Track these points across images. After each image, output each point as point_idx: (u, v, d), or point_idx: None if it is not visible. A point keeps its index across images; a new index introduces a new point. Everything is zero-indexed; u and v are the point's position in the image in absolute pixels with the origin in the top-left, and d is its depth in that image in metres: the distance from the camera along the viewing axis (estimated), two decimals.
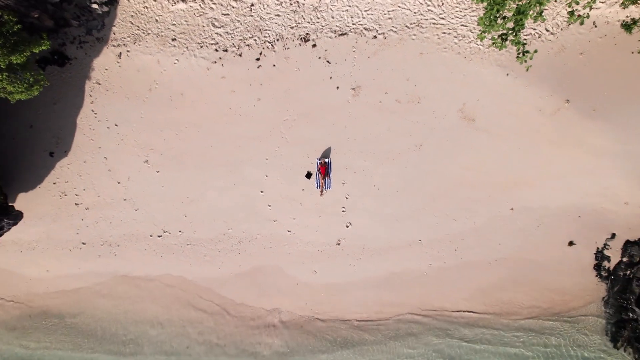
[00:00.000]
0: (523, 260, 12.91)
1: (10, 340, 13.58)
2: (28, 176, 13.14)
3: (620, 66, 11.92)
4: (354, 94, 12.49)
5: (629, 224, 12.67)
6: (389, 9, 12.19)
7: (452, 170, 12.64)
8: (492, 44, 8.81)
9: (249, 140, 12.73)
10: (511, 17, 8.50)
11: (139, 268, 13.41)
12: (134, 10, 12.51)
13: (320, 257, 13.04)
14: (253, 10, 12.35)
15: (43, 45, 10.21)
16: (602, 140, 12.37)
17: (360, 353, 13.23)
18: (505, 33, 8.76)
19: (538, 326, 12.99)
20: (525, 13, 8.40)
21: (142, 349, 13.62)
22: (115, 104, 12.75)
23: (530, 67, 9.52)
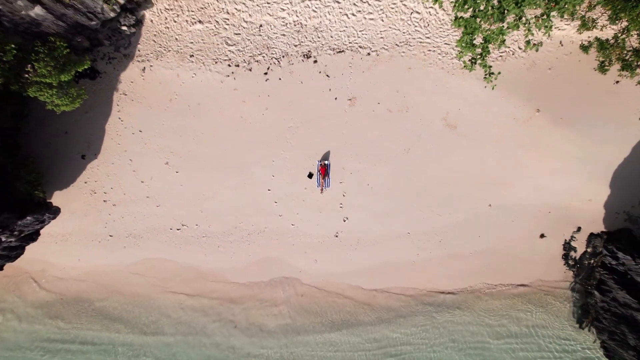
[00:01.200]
0: (499, 250, 14.96)
1: (46, 322, 15.75)
2: (63, 176, 15.26)
3: (584, 80, 13.91)
4: (350, 104, 14.53)
5: (593, 219, 14.72)
6: (381, 30, 14.22)
7: (436, 171, 14.68)
8: (464, 66, 10.81)
9: (257, 145, 14.80)
10: (479, 44, 10.47)
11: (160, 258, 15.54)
12: (156, 30, 14.57)
13: (321, 247, 15.14)
14: (261, 31, 14.40)
15: (85, 65, 12.31)
16: (569, 145, 14.39)
17: (356, 333, 15.36)
18: (474, 57, 10.74)
19: (512, 309, 15.07)
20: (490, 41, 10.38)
21: (163, 329, 15.77)
22: (140, 112, 14.84)
23: (495, 86, 11.46)
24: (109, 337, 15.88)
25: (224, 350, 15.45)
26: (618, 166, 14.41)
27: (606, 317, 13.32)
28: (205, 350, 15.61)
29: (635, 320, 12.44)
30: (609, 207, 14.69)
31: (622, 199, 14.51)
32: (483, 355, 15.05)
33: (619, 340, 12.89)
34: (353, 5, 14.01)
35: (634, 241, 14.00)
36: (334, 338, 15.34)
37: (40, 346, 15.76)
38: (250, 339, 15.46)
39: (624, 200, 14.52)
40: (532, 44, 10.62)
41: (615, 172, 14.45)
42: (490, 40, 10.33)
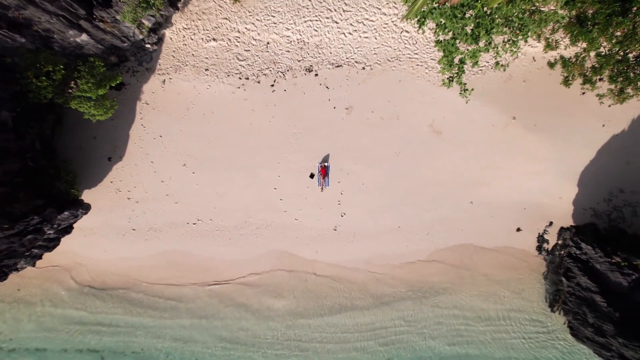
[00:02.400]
0: (480, 242, 17.23)
1: (76, 306, 18.07)
2: (91, 176, 17.58)
3: (554, 91, 16.12)
4: (347, 113, 16.79)
5: (563, 214, 16.96)
6: (375, 47, 16.47)
7: (424, 172, 16.94)
8: (442, 84, 13.01)
9: (265, 149, 17.08)
10: (455, 64, 12.66)
11: (178, 249, 17.85)
12: (175, 47, 16.85)
13: (321, 240, 17.43)
14: (269, 48, 16.66)
15: (118, 80, 14.61)
16: (541, 149, 16.62)
17: (352, 316, 17.64)
18: (452, 76, 12.93)
19: (491, 295, 17.33)
20: (465, 62, 12.58)
21: (179, 313, 18.10)
22: (160, 119, 17.13)
23: (469, 101, 13.68)
24: (130, 320, 18.22)
25: (234, 331, 17.79)
26: (585, 167, 16.67)
27: (571, 300, 15.56)
28: (218, 332, 17.93)
29: (594, 301, 14.65)
30: (577, 204, 16.95)
31: (588, 196, 16.76)
32: (466, 335, 17.32)
33: (581, 320, 15.12)
34: (350, 25, 16.27)
35: (598, 234, 16.24)
36: (333, 321, 17.66)
37: (72, 328, 18.11)
38: (258, 321, 17.78)
39: (590, 198, 16.77)
40: (500, 65, 12.88)
41: (583, 173, 16.71)
42: (465, 61, 12.57)
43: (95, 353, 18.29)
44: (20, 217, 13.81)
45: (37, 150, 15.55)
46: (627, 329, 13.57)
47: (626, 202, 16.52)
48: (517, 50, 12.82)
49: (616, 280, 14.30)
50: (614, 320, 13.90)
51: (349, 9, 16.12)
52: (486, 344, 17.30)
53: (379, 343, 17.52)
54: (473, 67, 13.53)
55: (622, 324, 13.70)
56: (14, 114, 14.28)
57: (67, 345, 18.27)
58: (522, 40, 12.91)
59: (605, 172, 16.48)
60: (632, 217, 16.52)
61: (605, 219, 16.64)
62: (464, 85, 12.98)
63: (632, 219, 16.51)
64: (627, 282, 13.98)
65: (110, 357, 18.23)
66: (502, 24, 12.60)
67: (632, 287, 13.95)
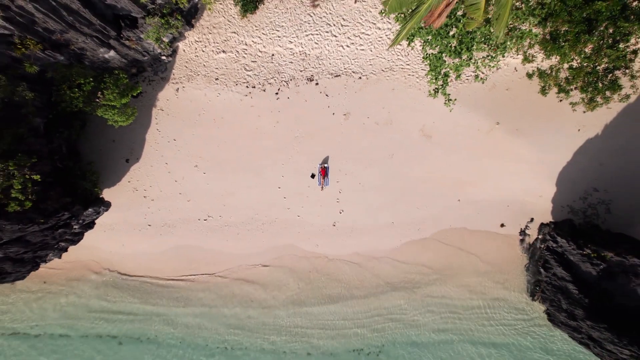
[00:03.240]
0: (468, 237, 19.10)
1: (99, 295, 20.04)
2: (110, 176, 19.50)
3: (534, 99, 17.91)
4: (345, 118, 18.67)
5: (543, 211, 18.82)
6: (370, 58, 18.32)
7: (415, 173, 18.80)
8: (429, 95, 14.83)
9: (270, 151, 18.96)
10: (440, 77, 14.51)
11: (189, 244, 19.76)
12: (188, 58, 18.73)
13: (321, 234, 19.32)
14: (273, 59, 18.53)
15: (138, 90, 16.51)
16: (523, 151, 18.46)
17: (350, 305, 19.55)
18: (437, 87, 14.75)
19: (478, 285, 19.21)
20: (449, 75, 14.44)
21: (191, 302, 20.02)
22: (174, 124, 19.02)
23: (452, 109, 15.50)
24: (146, 309, 20.15)
25: (242, 319, 19.72)
26: (562, 168, 18.51)
27: (548, 289, 17.40)
28: (227, 320, 19.86)
29: (568, 289, 16.50)
30: (555, 201, 18.80)
31: (566, 195, 18.60)
32: (454, 322, 19.21)
33: (557, 306, 16.97)
34: (347, 39, 18.13)
35: (575, 229, 18.08)
36: (332, 309, 19.56)
37: (92, 316, 20.07)
38: (264, 310, 19.70)
39: (567, 196, 18.61)
40: (480, 78, 14.74)
41: (561, 173, 18.55)
42: (449, 74, 14.45)
43: (113, 339, 20.26)
44: (52, 213, 15.73)
45: (63, 153, 17.49)
46: (594, 312, 15.43)
47: (600, 200, 18.37)
48: (495, 65, 14.71)
49: (587, 270, 16.17)
50: (583, 306, 15.76)
51: (346, 24, 17.98)
52: (472, 330, 19.21)
53: (375, 329, 19.45)
54: (456, 80, 15.36)
55: (590, 308, 15.56)
56: (45, 121, 16.23)
57: (88, 331, 20.24)
58: (500, 55, 14.80)
59: (581, 173, 18.32)
60: (605, 213, 18.37)
61: (581, 216, 18.49)
62: (448, 95, 14.89)
63: (606, 215, 18.36)
64: (596, 272, 15.85)
65: (128, 342, 20.19)
66: (482, 42, 14.47)
67: (600, 276, 15.81)
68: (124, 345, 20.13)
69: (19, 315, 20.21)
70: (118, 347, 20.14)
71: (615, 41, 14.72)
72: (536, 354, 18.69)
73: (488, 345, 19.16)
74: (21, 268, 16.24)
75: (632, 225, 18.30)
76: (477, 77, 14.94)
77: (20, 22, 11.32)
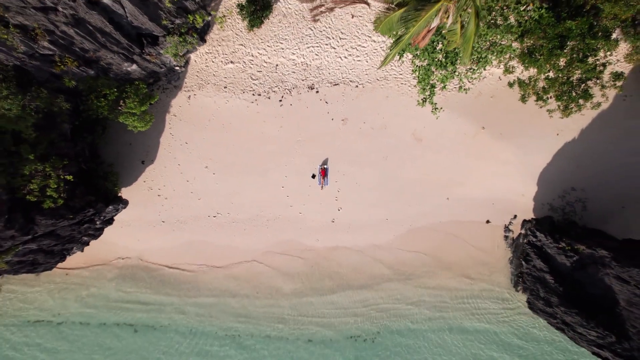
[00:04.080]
0: (456, 233, 21.03)
1: (116, 286, 22.05)
2: (127, 176, 21.49)
3: (517, 105, 19.81)
4: (343, 123, 20.62)
5: (525, 209, 20.74)
6: (366, 68, 20.27)
7: (408, 173, 20.74)
8: (417, 104, 16.74)
9: (274, 154, 20.93)
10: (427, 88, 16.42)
11: (200, 239, 21.75)
12: (199, 68, 20.71)
13: (321, 230, 21.30)
14: (277, 69, 20.50)
15: (156, 99, 18.49)
16: (507, 153, 20.38)
17: (348, 295, 21.52)
18: (425, 97, 16.66)
19: (464, 277, 21.14)
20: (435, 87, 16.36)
21: (200, 292, 22.02)
22: (186, 129, 21.00)
23: (438, 117, 17.41)
24: (160, 299, 22.17)
25: (249, 308, 21.71)
26: (543, 169, 20.44)
27: (529, 279, 19.33)
28: (234, 309, 21.85)
29: (545, 279, 18.41)
30: (537, 200, 20.73)
31: (546, 193, 20.53)
32: (444, 311, 21.15)
33: (536, 295, 18.88)
34: (345, 51, 20.08)
35: (554, 225, 20.00)
36: (331, 299, 21.53)
37: (110, 306, 22.10)
38: (269, 300, 21.68)
39: (547, 195, 20.53)
40: (463, 89, 16.68)
41: (541, 174, 20.47)
42: (435, 85, 16.38)
43: (129, 327, 22.29)
44: (79, 209, 17.74)
45: (86, 155, 19.50)
46: (567, 300, 17.34)
47: (577, 199, 20.29)
48: (477, 77, 16.67)
49: (562, 261, 18.09)
50: (558, 294, 17.68)
51: (344, 37, 19.93)
52: (461, 318, 21.16)
53: (370, 317, 21.42)
54: (443, 90, 17.30)
55: (564, 296, 17.48)
56: (72, 127, 18.24)
57: (106, 320, 22.27)
58: (482, 68, 16.75)
59: (560, 173, 20.24)
60: (582, 211, 20.29)
61: (560, 213, 20.40)
62: (435, 104, 16.84)
63: (582, 212, 20.28)
64: (570, 263, 17.76)
65: (143, 330, 22.21)
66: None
67: (574, 267, 17.73)
68: (139, 332, 22.16)
69: (43, 305, 22.24)
70: (134, 334, 22.17)
71: (584, 55, 16.68)
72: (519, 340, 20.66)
73: (475, 332, 21.14)
74: (51, 259, 18.26)
75: (606, 221, 20.23)
76: (460, 88, 16.87)
77: (61, 43, 13.28)
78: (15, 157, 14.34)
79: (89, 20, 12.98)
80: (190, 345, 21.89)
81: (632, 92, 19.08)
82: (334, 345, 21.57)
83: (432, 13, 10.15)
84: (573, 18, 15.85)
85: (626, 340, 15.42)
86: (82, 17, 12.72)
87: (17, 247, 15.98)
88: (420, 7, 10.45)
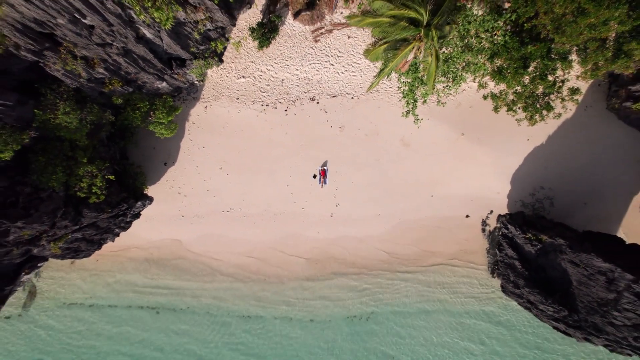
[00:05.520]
0: (439, 226, 24.47)
1: (139, 274, 25.61)
2: (151, 176, 25.07)
3: (492, 114, 23.26)
4: (340, 130, 24.11)
5: (501, 205, 24.15)
6: (360, 82, 23.75)
7: (397, 173, 24.19)
8: (402, 115, 20.16)
9: (280, 157, 24.42)
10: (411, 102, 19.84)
11: (214, 231, 25.30)
12: (215, 82, 24.27)
13: (321, 223, 24.79)
14: (283, 83, 24.02)
15: (179, 110, 22.07)
16: (484, 157, 23.80)
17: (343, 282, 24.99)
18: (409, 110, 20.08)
19: (447, 266, 24.56)
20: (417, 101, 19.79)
21: (215, 278, 25.56)
22: (203, 135, 24.54)
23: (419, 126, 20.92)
24: (179, 284, 25.74)
25: (258, 292, 25.25)
26: (516, 170, 23.84)
27: (502, 266, 22.72)
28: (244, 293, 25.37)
29: (514, 265, 21.81)
30: (510, 197, 24.14)
31: (518, 191, 23.93)
32: (429, 295, 24.60)
33: (507, 279, 22.27)
34: (342, 67, 23.57)
35: (525, 219, 23.41)
36: (330, 284, 25.03)
37: (135, 290, 25.71)
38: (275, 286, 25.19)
39: (520, 193, 23.94)
40: (441, 102, 20.14)
41: (514, 174, 23.88)
42: (417, 99, 19.85)
43: (152, 309, 25.87)
44: (115, 204, 21.33)
45: (117, 158, 23.13)
46: (531, 282, 20.76)
47: (545, 196, 23.70)
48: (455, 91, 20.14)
49: (528, 250, 21.50)
50: (524, 277, 21.09)
51: (341, 55, 23.42)
52: (444, 301, 24.61)
53: (364, 301, 24.90)
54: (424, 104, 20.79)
55: (529, 278, 20.89)
56: (108, 134, 21.85)
57: (131, 303, 25.87)
58: (457, 85, 20.24)
59: (530, 174, 23.65)
60: (549, 207, 23.70)
61: (530, 208, 23.81)
62: (417, 115, 20.33)
63: (550, 208, 23.69)
64: (534, 251, 21.17)
65: (164, 312, 25.78)
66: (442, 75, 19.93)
67: (538, 254, 21.14)
68: (161, 314, 25.74)
69: (76, 289, 25.85)
70: (156, 315, 25.75)
71: (544, 74, 20.10)
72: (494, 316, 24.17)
73: (457, 314, 24.57)
74: (90, 247, 21.84)
75: (571, 215, 23.65)
76: (438, 102, 20.31)
77: (111, 69, 16.81)
78: (71, 160, 17.92)
79: (134, 50, 16.52)
80: (206, 324, 25.48)
81: (592, 103, 22.53)
82: (332, 324, 25.10)
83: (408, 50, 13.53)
84: (533, 43, 19.26)
85: (576, 313, 18.83)
86: (129, 48, 16.25)
87: (68, 235, 19.58)
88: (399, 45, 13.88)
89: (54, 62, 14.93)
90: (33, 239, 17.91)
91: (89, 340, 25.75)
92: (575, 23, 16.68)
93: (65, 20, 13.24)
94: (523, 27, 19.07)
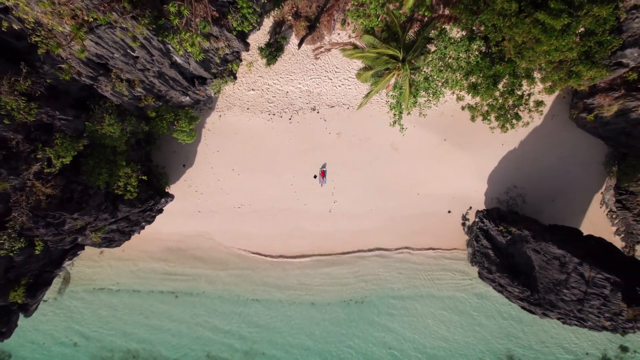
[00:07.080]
0: (424, 221, 28.37)
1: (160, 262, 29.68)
2: (172, 176, 29.13)
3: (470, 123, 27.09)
4: (338, 137, 28.07)
5: (479, 201, 28.02)
6: (355, 94, 27.71)
7: (387, 174, 28.10)
8: (389, 125, 24.11)
9: (285, 160, 28.39)
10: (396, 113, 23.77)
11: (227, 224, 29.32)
12: (228, 94, 28.32)
13: (321, 218, 28.75)
14: (287, 95, 28.02)
15: (199, 119, 26.13)
16: (464, 159, 27.67)
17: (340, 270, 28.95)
18: (395, 120, 24.00)
19: (432, 255, 28.46)
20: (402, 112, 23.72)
21: (228, 266, 29.59)
22: (217, 140, 28.57)
23: (404, 134, 24.89)
24: (196, 271, 29.78)
25: (264, 278, 29.25)
26: (492, 171, 27.71)
27: (478, 256, 26.57)
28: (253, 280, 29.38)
29: (489, 254, 25.64)
30: (487, 195, 28.01)
31: (494, 190, 27.79)
32: (416, 281, 28.51)
33: (482, 266, 26.10)
34: (339, 81, 27.55)
35: (500, 214, 27.28)
36: (328, 271, 29.00)
37: (156, 276, 29.78)
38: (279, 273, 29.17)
39: (495, 191, 27.80)
40: (421, 114, 24.08)
41: (490, 175, 27.75)
42: (402, 111, 23.80)
43: (171, 294, 29.93)
44: (144, 201, 25.38)
45: (143, 160, 27.22)
46: (502, 267, 24.61)
47: (518, 194, 27.55)
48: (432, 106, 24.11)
49: (500, 240, 25.36)
50: (496, 264, 24.94)
51: (339, 70, 27.39)
52: (428, 287, 28.53)
53: (359, 286, 28.84)
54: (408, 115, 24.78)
55: (500, 265, 24.74)
56: (136, 140, 25.94)
57: (153, 288, 29.93)
58: (437, 99, 24.20)
59: (505, 175, 27.51)
60: (522, 203, 27.56)
61: (505, 205, 27.67)
62: (402, 125, 24.29)
63: (522, 204, 27.55)
64: (505, 241, 25.02)
65: (182, 296, 29.84)
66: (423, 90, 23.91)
67: (508, 244, 25.00)
68: (179, 298, 29.79)
69: (104, 275, 29.95)
70: (175, 299, 29.81)
71: (512, 89, 24.00)
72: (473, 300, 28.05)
73: (441, 297, 28.47)
74: (122, 238, 25.92)
75: (541, 211, 27.51)
76: (420, 114, 24.25)
77: (147, 88, 20.87)
78: (113, 163, 22.01)
79: (167, 73, 20.58)
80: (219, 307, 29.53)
81: (557, 113, 26.41)
82: (331, 307, 29.06)
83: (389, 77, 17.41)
84: (502, 63, 23.15)
85: (536, 293, 22.67)
86: (163, 71, 20.32)
87: (106, 226, 23.67)
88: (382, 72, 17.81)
89: (105, 85, 19.01)
90: (80, 228, 21.99)
91: (115, 322, 29.86)
92: (533, 50, 20.58)
93: (119, 55, 17.29)
94: (492, 49, 22.99)
